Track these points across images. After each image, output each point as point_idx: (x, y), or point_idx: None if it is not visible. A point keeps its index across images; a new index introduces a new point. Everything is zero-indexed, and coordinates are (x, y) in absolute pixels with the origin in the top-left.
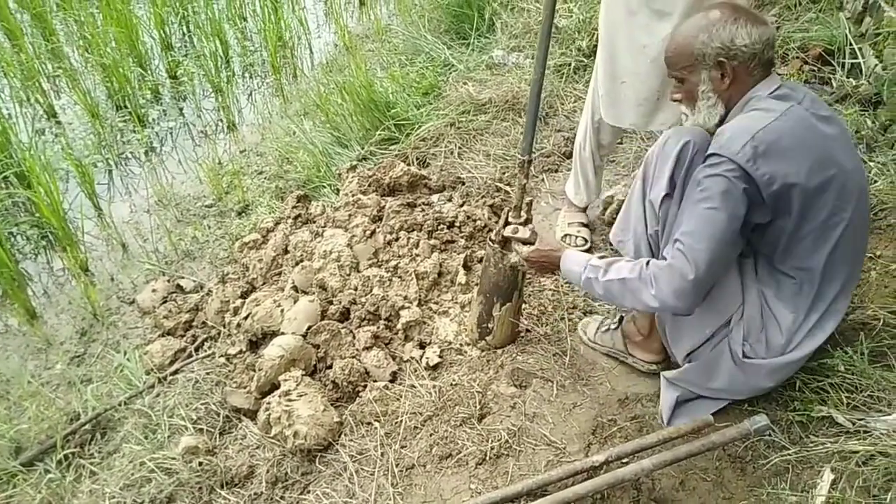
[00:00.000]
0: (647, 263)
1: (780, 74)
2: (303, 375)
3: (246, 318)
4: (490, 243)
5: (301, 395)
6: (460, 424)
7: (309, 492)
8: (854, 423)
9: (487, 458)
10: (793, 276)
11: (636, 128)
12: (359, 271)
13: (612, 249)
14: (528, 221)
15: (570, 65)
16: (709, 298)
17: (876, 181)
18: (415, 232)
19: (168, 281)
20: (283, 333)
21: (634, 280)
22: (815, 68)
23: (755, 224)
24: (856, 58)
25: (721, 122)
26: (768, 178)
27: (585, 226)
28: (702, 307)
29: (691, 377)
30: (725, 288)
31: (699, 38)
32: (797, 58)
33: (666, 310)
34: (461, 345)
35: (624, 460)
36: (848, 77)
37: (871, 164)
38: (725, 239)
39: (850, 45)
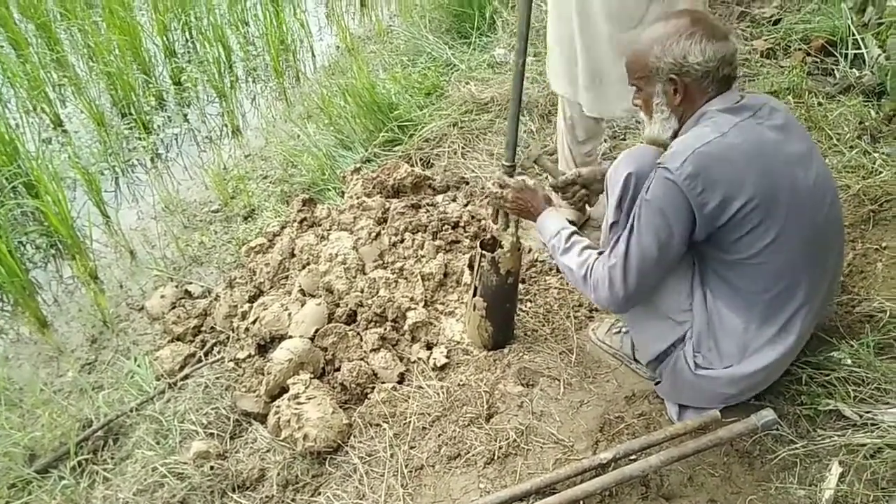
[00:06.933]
0: (594, 264)
1: (782, 67)
2: (311, 378)
3: (254, 322)
4: (480, 248)
5: (310, 398)
6: (468, 424)
7: (319, 494)
8: (861, 416)
9: (496, 457)
10: (742, 290)
11: (592, 113)
12: (365, 273)
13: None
14: (507, 225)
15: None
16: (662, 315)
17: (881, 172)
18: (419, 233)
19: (176, 287)
20: (290, 337)
21: (579, 277)
22: (818, 59)
23: (698, 241)
24: (859, 48)
25: (675, 135)
26: (703, 197)
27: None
28: (656, 325)
29: (666, 392)
30: (678, 304)
31: (653, 51)
32: (800, 49)
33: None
34: (468, 345)
35: (632, 457)
36: (851, 68)
37: (876, 154)
38: (656, 262)
39: (853, 35)
